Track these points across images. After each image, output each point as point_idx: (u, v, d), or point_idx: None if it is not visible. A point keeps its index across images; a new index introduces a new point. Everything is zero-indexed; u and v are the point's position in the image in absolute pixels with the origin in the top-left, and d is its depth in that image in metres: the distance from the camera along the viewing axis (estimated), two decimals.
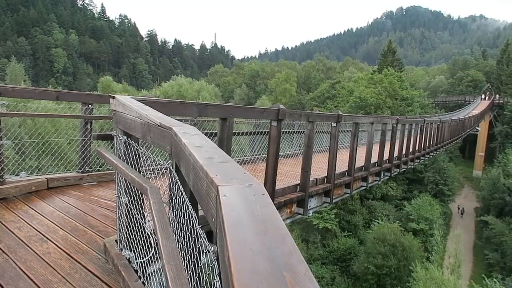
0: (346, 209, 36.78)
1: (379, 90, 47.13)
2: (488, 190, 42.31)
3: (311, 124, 6.72)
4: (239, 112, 5.07)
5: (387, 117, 12.90)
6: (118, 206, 3.38)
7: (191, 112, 4.36)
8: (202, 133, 2.03)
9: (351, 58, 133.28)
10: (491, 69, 77.31)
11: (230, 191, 1.06)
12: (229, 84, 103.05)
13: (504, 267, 32.05)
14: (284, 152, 9.70)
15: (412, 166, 17.19)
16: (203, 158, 1.40)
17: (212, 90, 73.70)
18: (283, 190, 6.45)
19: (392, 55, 65.42)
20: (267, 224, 0.86)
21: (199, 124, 9.40)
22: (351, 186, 9.17)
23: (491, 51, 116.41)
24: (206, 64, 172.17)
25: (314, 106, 65.68)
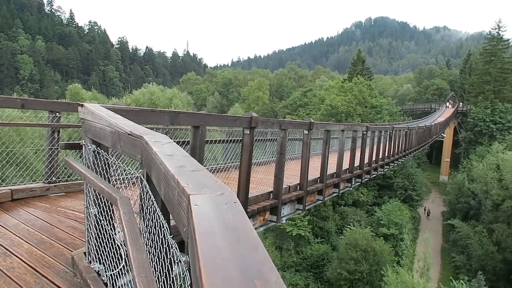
0: (319, 216, 37.16)
1: (350, 98, 48.19)
2: (454, 195, 43.83)
3: (284, 132, 6.77)
4: (212, 120, 5.05)
5: (358, 125, 13.20)
6: (87, 217, 3.28)
7: (163, 120, 4.30)
8: (174, 141, 2.01)
9: (322, 67, 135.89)
10: (454, 78, 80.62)
11: (202, 200, 1.05)
12: (201, 92, 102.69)
13: (470, 269, 33.15)
14: (257, 159, 9.72)
15: (382, 172, 17.61)
16: (174, 167, 1.39)
17: (184, 98, 73.11)
18: (256, 198, 6.45)
19: (361, 64, 67.14)
20: (239, 232, 0.86)
21: (171, 132, 9.30)
22: (323, 192, 9.28)
23: (454, 61, 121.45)
24: (178, 72, 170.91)
25: (287, 114, 66.34)
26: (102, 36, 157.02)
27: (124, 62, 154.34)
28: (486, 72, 59.46)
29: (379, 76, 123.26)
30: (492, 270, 31.99)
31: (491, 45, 60.48)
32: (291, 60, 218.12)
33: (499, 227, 33.00)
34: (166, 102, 60.20)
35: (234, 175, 6.03)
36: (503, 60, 59.33)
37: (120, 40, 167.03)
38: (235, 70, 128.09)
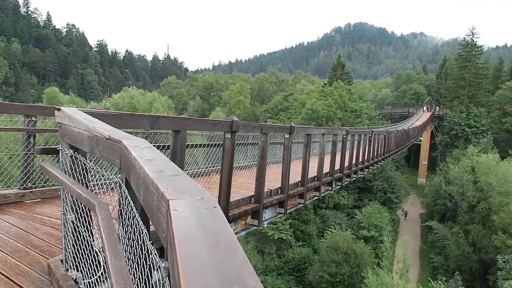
0: (300, 219, 37.33)
1: (330, 102, 48.75)
2: (432, 197, 44.78)
3: (265, 136, 6.79)
4: (193, 124, 5.03)
5: (338, 128, 13.35)
6: (64, 223, 3.21)
7: (143, 124, 4.25)
8: (154, 146, 1.99)
9: (303, 71, 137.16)
10: (431, 83, 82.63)
11: (181, 205, 1.04)
12: (182, 96, 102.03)
13: (447, 269, 33.88)
14: (239, 164, 9.70)
15: (362, 175, 17.85)
16: (153, 172, 1.37)
17: (165, 102, 72.43)
18: (237, 202, 6.44)
19: (341, 68, 68.09)
20: (218, 237, 0.86)
21: (151, 136, 9.20)
22: (304, 196, 9.34)
23: (431, 66, 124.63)
24: (158, 76, 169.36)
25: (268, 118, 66.58)
26: (80, 39, 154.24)
27: (103, 65, 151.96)
28: (461, 77, 61.16)
29: (359, 80, 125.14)
30: (468, 270, 32.78)
31: (466, 51, 62.30)
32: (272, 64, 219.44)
33: (474, 228, 33.85)
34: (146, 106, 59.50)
35: (216, 179, 6.00)
36: (477, 65, 61.17)
37: (99, 43, 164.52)
38: (216, 74, 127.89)
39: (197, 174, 7.21)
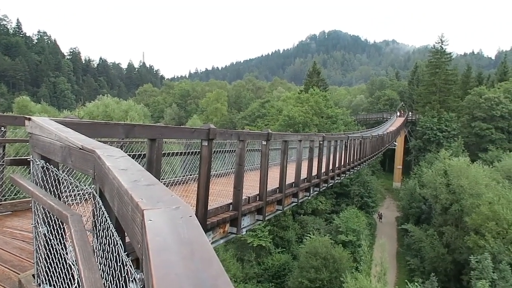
0: (279, 225, 37.38)
1: (306, 108, 49.30)
2: (407, 200, 45.71)
3: (242, 143, 6.80)
4: (169, 132, 4.98)
5: (314, 135, 13.50)
6: (35, 237, 3.10)
7: (118, 133, 4.18)
8: (130, 155, 1.97)
9: (279, 78, 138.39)
10: (404, 89, 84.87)
11: (156, 215, 1.03)
12: (158, 104, 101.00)
13: (423, 271, 34.54)
14: (217, 171, 9.66)
15: (339, 181, 18.06)
16: (128, 182, 1.35)
17: (141, 110, 71.43)
18: (216, 210, 6.40)
19: (317, 75, 69.07)
20: (193, 246, 0.85)
21: (127, 145, 9.05)
22: (282, 202, 9.37)
23: (403, 73, 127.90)
24: (134, 84, 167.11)
25: (245, 125, 66.67)
26: (52, 46, 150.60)
27: (76, 73, 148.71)
28: (432, 83, 63.08)
29: (334, 87, 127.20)
30: (443, 271, 33.52)
31: (436, 58, 64.36)
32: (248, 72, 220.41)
33: (448, 229, 34.72)
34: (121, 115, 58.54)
35: (193, 188, 5.95)
36: (446, 72, 63.28)
37: (72, 51, 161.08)
38: (192, 82, 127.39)
39: (174, 183, 7.14)
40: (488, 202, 31.05)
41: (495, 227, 29.62)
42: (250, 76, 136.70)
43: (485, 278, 25.96)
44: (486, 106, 53.18)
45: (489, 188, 33.19)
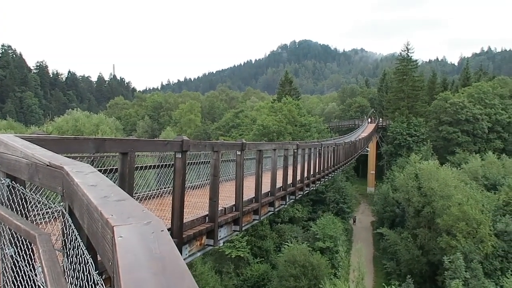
0: (257, 235, 37.25)
1: (280, 117, 49.71)
2: (381, 205, 46.55)
3: (216, 154, 6.78)
4: (141, 145, 4.91)
5: (288, 143, 13.61)
6: (1, 259, 2.97)
7: (88, 148, 4.08)
8: (102, 170, 1.92)
9: (252, 88, 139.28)
10: (374, 96, 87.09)
11: (127, 231, 1.01)
12: (131, 117, 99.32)
13: (400, 274, 35.17)
14: (192, 183, 9.56)
15: (314, 188, 18.24)
16: (97, 198, 1.32)
17: (112, 123, 70.05)
18: (192, 223, 6.33)
19: (289, 84, 69.98)
20: (165, 262, 0.84)
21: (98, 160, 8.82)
22: (259, 212, 9.36)
23: (372, 80, 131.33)
24: (105, 97, 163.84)
25: (220, 135, 66.45)
26: (17, 60, 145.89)
27: (44, 87, 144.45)
28: (400, 90, 65.02)
29: (306, 95, 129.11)
30: (419, 273, 34.23)
31: (403, 65, 66.49)
32: (221, 82, 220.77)
33: (421, 232, 35.57)
34: (92, 129, 57.24)
35: (168, 201, 5.87)
36: (413, 78, 65.42)
37: (39, 65, 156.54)
38: (165, 93, 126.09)
39: (149, 197, 7.02)
40: (457, 203, 32.08)
41: (465, 227, 30.59)
42: (223, 87, 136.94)
43: (458, 278, 26.71)
44: (452, 111, 55.17)
45: (458, 189, 34.31)
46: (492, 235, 30.85)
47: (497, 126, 55.75)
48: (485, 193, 36.03)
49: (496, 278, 28.83)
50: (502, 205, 34.96)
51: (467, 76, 75.27)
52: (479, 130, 54.63)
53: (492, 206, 33.55)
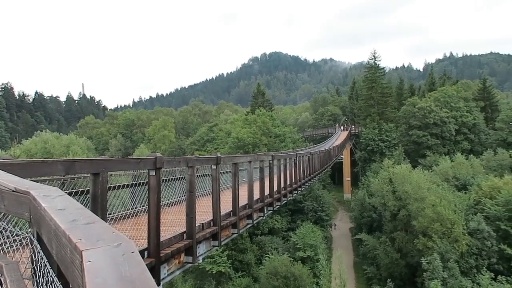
0: (237, 249, 36.91)
1: (254, 129, 49.90)
2: (358, 210, 47.16)
3: (191, 169, 6.72)
4: (113, 165, 4.81)
5: (264, 154, 13.66)
6: None
7: (57, 170, 3.96)
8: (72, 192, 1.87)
9: (225, 101, 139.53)
10: (345, 104, 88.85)
11: (96, 254, 0.99)
12: (103, 136, 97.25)
13: (380, 278, 35.53)
14: (169, 200, 9.42)
15: (291, 198, 18.31)
16: (65, 222, 1.28)
17: (83, 143, 68.49)
18: (169, 241, 6.21)
19: (262, 96, 70.54)
20: (135, 284, 0.82)
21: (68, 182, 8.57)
22: (237, 225, 9.30)
23: (343, 89, 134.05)
24: (75, 117, 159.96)
25: (195, 150, 65.98)
26: None
27: (9, 110, 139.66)
28: (370, 97, 66.65)
29: (279, 106, 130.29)
30: (398, 276, 34.69)
31: (371, 73, 68.29)
32: (194, 97, 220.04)
33: (398, 235, 36.17)
34: (62, 150, 55.78)
35: (145, 220, 5.76)
36: (382, 85, 67.26)
37: (4, 87, 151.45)
38: (137, 111, 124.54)
39: (125, 217, 6.85)
40: (431, 204, 32.87)
41: (440, 227, 31.33)
42: (196, 101, 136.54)
43: (436, 278, 27.23)
44: (420, 115, 56.89)
45: (431, 191, 35.20)
46: (466, 234, 31.70)
47: (463, 128, 57.79)
48: (456, 193, 37.11)
49: (472, 276, 29.54)
50: (473, 204, 36.08)
51: (432, 81, 78.07)
52: (447, 132, 56.48)
53: (464, 206, 34.54)
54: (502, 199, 33.47)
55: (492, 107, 64.51)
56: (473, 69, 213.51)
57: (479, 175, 41.91)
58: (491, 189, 35.86)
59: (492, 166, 45.37)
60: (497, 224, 32.80)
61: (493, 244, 31.67)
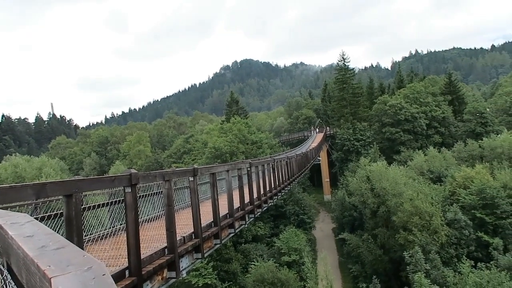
0: (222, 259, 36.56)
1: (231, 138, 49.84)
2: (339, 211, 47.66)
3: (168, 183, 6.64)
4: (86, 185, 4.69)
5: (241, 162, 13.63)
6: None
7: (27, 195, 3.83)
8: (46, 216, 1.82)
9: (200, 112, 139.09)
10: (318, 106, 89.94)
11: (65, 280, 0.96)
12: (76, 155, 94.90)
13: (366, 275, 35.93)
14: (148, 215, 9.26)
15: (272, 203, 18.33)
16: (34, 249, 1.24)
17: (56, 164, 66.65)
18: (150, 257, 6.09)
19: (236, 104, 70.65)
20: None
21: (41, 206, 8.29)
22: (220, 235, 9.23)
23: (315, 91, 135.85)
24: (45, 138, 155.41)
25: (172, 163, 65.26)
26: None
27: None
28: (342, 98, 67.78)
29: (254, 113, 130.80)
30: (383, 271, 35.19)
31: (341, 74, 69.51)
32: (168, 109, 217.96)
33: (380, 231, 36.75)
34: (35, 173, 54.13)
35: (124, 238, 5.63)
36: (353, 86, 68.56)
37: None
38: (110, 127, 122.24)
39: (103, 237, 6.69)
40: (409, 199, 33.63)
41: (419, 221, 32.04)
42: (170, 114, 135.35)
43: (419, 270, 27.75)
44: (392, 112, 58.27)
45: (407, 186, 36.02)
46: (444, 225, 32.52)
47: (434, 122, 59.48)
48: (432, 186, 38.09)
49: (453, 265, 30.26)
50: (448, 195, 37.12)
51: (401, 78, 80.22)
52: (419, 127, 58.01)
53: (440, 198, 35.47)
54: (475, 188, 34.57)
55: (459, 100, 66.69)
56: (438, 65, 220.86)
57: (452, 166, 43.17)
58: (464, 179, 36.97)
59: (464, 157, 46.82)
60: (473, 213, 33.83)
61: (470, 232, 32.61)
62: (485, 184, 34.34)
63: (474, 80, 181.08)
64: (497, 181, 35.57)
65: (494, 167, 39.48)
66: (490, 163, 40.97)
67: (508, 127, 51.35)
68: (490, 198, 33.41)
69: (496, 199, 33.18)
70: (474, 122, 55.99)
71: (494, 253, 29.94)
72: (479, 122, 55.51)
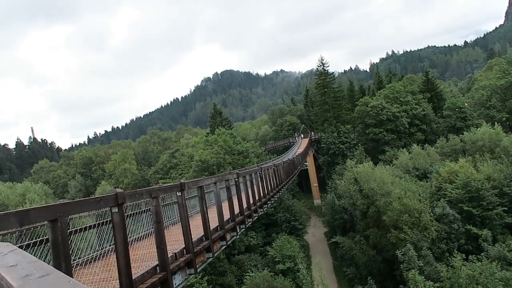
0: (216, 272, 36.21)
1: (217, 149, 49.70)
2: (329, 214, 47.77)
3: (156, 200, 6.56)
4: (71, 208, 4.59)
5: (229, 173, 13.59)
6: None
7: (10, 224, 3.73)
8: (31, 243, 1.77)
9: (184, 126, 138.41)
10: (302, 112, 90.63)
11: None
12: (60, 178, 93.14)
13: (361, 277, 35.99)
14: (138, 234, 9.12)
15: (263, 212, 18.27)
16: (17, 279, 1.21)
17: (40, 189, 65.13)
18: (142, 277, 5.98)
19: (219, 115, 70.66)
20: None
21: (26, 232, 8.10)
22: (212, 249, 9.15)
23: (297, 98, 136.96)
24: (27, 163, 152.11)
25: (159, 179, 64.64)
26: None
27: None
28: (324, 102, 68.51)
29: (238, 123, 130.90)
30: (377, 272, 35.30)
31: (321, 79, 70.35)
32: (151, 125, 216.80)
33: (372, 232, 36.95)
34: (18, 200, 52.86)
35: (114, 259, 5.53)
36: (334, 90, 69.45)
37: None
38: (94, 147, 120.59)
39: (93, 259, 6.57)
40: (397, 197, 33.96)
41: (408, 218, 32.36)
42: (153, 129, 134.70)
43: (413, 268, 27.93)
44: (374, 113, 59.06)
45: (395, 184, 36.39)
46: (433, 220, 32.90)
47: (415, 120, 60.48)
48: (418, 183, 38.55)
49: (445, 260, 30.52)
50: (435, 191, 37.60)
51: (380, 79, 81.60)
52: (401, 126, 58.89)
53: (427, 194, 35.89)
54: (461, 181, 35.14)
55: (437, 97, 68.02)
56: (415, 64, 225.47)
57: (436, 162, 43.84)
58: (449, 174, 37.57)
59: (447, 152, 47.61)
60: (460, 206, 34.32)
61: (459, 226, 33.05)
62: (469, 177, 34.93)
63: (450, 76, 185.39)
64: (480, 173, 36.21)
65: (477, 160, 40.20)
66: (473, 156, 41.72)
67: (486, 120, 52.47)
68: (476, 191, 33.98)
69: (481, 191, 33.76)
70: (454, 118, 57.10)
71: (484, 245, 30.35)
72: (459, 117, 56.64)
